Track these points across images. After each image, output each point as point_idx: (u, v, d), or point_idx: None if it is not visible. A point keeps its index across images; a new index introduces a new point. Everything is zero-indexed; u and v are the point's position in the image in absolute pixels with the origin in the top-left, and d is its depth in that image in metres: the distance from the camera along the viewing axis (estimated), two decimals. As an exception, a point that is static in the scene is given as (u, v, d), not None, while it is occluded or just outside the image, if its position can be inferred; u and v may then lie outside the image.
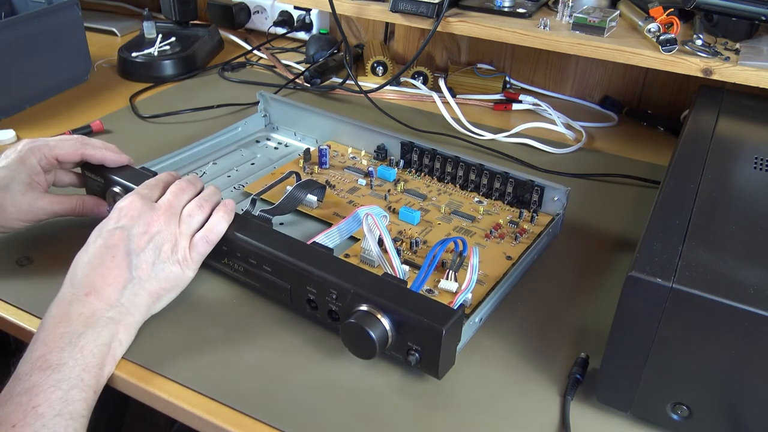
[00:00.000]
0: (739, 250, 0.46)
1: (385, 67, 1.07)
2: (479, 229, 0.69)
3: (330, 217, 0.69)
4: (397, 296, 0.51)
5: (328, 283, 0.53)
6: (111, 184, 0.65)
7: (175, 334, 0.56)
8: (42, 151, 0.63)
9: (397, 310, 0.50)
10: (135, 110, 0.96)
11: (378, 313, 0.50)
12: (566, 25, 0.85)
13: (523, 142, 0.91)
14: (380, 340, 0.50)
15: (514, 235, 0.67)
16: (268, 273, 0.57)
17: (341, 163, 0.80)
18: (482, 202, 0.73)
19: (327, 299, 0.54)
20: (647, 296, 0.43)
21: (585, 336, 0.58)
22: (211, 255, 0.59)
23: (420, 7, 0.87)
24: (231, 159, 0.82)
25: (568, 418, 0.50)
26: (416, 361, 0.50)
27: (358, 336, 0.50)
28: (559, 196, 0.70)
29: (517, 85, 1.09)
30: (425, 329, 0.49)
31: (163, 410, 0.52)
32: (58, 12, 0.98)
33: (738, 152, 0.62)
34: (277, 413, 0.49)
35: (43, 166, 0.63)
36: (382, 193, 0.74)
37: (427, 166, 0.77)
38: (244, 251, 0.58)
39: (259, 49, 1.19)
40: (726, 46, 0.80)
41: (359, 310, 0.51)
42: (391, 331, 0.50)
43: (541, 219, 0.70)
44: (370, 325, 0.50)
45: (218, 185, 0.73)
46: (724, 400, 0.45)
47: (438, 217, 0.70)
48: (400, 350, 0.51)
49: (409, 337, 0.50)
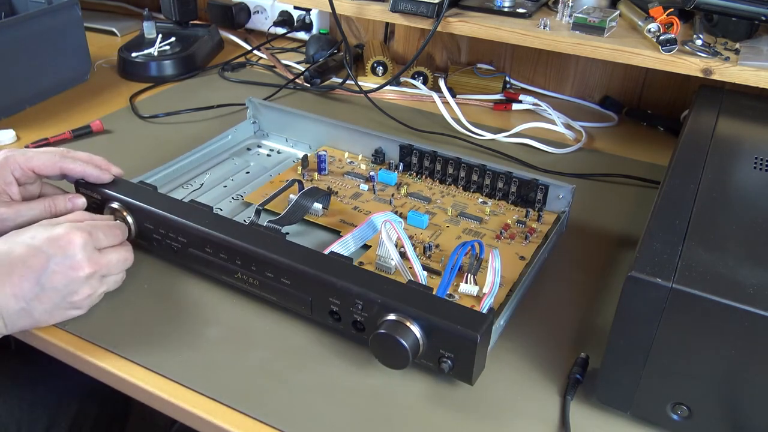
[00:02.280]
0: (739, 250, 0.46)
1: (385, 67, 1.07)
2: (488, 230, 0.68)
3: (337, 224, 0.68)
4: (426, 304, 0.50)
5: (353, 293, 0.52)
6: (108, 200, 0.63)
7: (175, 334, 0.56)
8: (17, 162, 0.61)
9: (429, 318, 0.49)
10: (135, 110, 0.96)
11: (408, 322, 0.49)
12: (566, 25, 0.85)
13: (523, 142, 0.91)
14: (412, 349, 0.49)
15: (524, 234, 0.67)
16: (286, 286, 0.56)
17: (339, 169, 0.78)
18: (487, 203, 0.73)
19: (352, 310, 0.52)
20: (647, 296, 0.43)
21: (585, 336, 0.58)
22: (222, 270, 0.59)
23: (420, 7, 0.87)
24: (224, 168, 0.80)
25: (568, 418, 0.50)
26: (449, 369, 0.50)
27: (389, 346, 0.49)
28: (564, 194, 0.70)
29: (517, 85, 1.09)
30: (459, 336, 0.48)
31: (164, 410, 0.52)
32: (58, 12, 0.98)
33: (738, 152, 0.62)
34: (277, 413, 0.49)
35: (18, 177, 0.61)
36: (386, 197, 0.73)
37: (427, 168, 0.77)
38: (261, 264, 0.56)
39: (259, 49, 1.19)
40: (726, 46, 0.79)
41: (388, 319, 0.50)
42: (422, 339, 0.49)
43: (547, 217, 0.70)
44: (402, 335, 0.49)
45: (215, 197, 0.73)
46: (724, 400, 0.45)
47: (445, 219, 0.70)
48: (430, 358, 0.50)
49: (440, 345, 0.49)
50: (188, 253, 0.61)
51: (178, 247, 0.61)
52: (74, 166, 0.63)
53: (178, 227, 0.60)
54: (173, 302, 0.60)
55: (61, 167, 0.63)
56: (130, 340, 0.55)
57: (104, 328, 0.56)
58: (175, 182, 0.76)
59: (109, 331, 0.56)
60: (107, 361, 0.54)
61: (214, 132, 0.84)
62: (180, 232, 0.60)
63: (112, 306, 0.58)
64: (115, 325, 0.57)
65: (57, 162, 0.62)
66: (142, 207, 0.62)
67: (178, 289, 0.62)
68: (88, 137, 0.88)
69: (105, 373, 0.54)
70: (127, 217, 0.62)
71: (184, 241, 0.61)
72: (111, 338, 0.56)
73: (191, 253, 0.61)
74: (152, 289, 0.61)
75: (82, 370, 0.56)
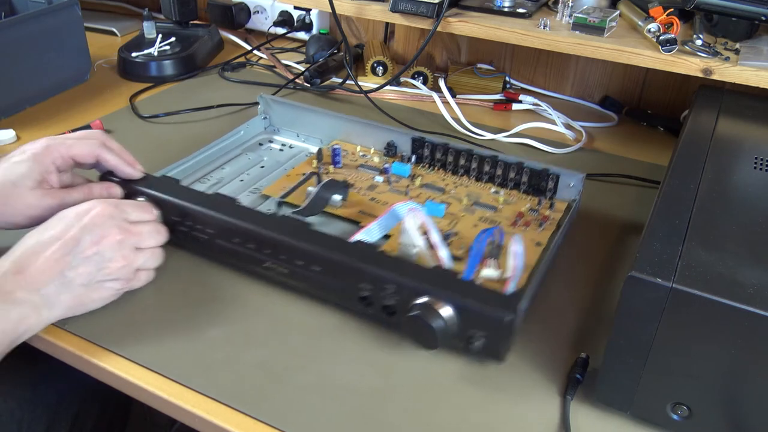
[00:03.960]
0: (739, 250, 0.46)
1: (385, 67, 1.07)
2: (503, 218, 0.70)
3: (356, 215, 0.70)
4: (457, 287, 0.52)
5: (385, 279, 0.54)
6: (134, 193, 0.64)
7: (175, 334, 0.56)
8: (59, 150, 0.62)
9: (461, 300, 0.51)
10: (135, 110, 0.96)
11: (440, 304, 0.52)
12: (566, 25, 0.85)
13: (523, 142, 0.91)
14: (445, 329, 0.52)
15: (539, 222, 0.69)
16: (317, 273, 0.57)
17: (353, 162, 0.80)
18: (499, 192, 0.75)
19: (382, 295, 0.54)
20: (647, 296, 0.43)
21: (585, 336, 0.58)
22: (250, 260, 0.60)
23: (420, 7, 0.87)
24: (239, 163, 0.81)
25: (568, 418, 0.50)
26: (480, 348, 0.52)
27: (422, 328, 0.52)
28: (574, 182, 0.71)
29: (517, 85, 1.09)
30: (491, 316, 0.51)
31: (164, 410, 0.52)
32: (58, 12, 0.98)
33: (738, 152, 0.62)
34: (277, 413, 0.49)
35: (59, 165, 0.62)
36: (401, 189, 0.75)
37: (439, 160, 0.79)
38: (291, 253, 0.58)
39: (259, 49, 1.19)
40: (726, 46, 0.79)
41: (420, 302, 0.52)
42: (454, 320, 0.52)
43: (558, 205, 0.72)
44: (435, 317, 0.51)
45: (233, 190, 0.74)
46: (724, 400, 0.45)
47: (460, 209, 0.72)
48: (460, 338, 0.53)
49: (471, 325, 0.52)
50: (215, 244, 0.62)
51: (205, 239, 0.62)
52: (110, 157, 0.64)
53: (205, 219, 0.61)
54: (173, 302, 0.60)
55: (98, 156, 0.64)
56: (131, 339, 0.55)
57: (104, 328, 0.56)
58: (191, 177, 0.77)
59: (110, 331, 0.56)
60: (108, 360, 0.54)
61: (214, 132, 0.84)
62: (207, 223, 0.61)
63: (112, 306, 0.58)
64: (116, 324, 0.57)
65: (95, 151, 0.64)
66: (169, 200, 0.62)
67: (178, 289, 0.62)
68: (88, 137, 0.88)
69: (105, 372, 0.54)
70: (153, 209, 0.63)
71: (211, 233, 0.61)
72: (111, 338, 0.56)
73: (218, 245, 0.62)
74: (152, 289, 0.61)
75: (83, 369, 0.56)
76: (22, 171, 0.60)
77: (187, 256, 0.65)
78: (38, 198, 0.60)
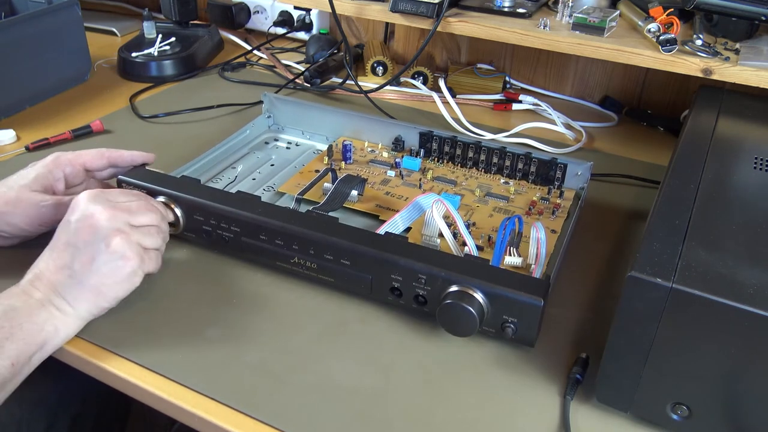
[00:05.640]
0: (739, 250, 0.46)
1: (385, 67, 1.07)
2: (517, 208, 0.72)
3: (374, 209, 0.71)
4: (488, 274, 0.54)
5: (416, 269, 0.55)
6: (155, 194, 0.64)
7: (175, 334, 0.56)
8: (68, 158, 0.64)
9: (493, 287, 0.53)
10: (135, 110, 0.96)
11: (472, 291, 0.53)
12: (566, 25, 0.85)
13: (523, 142, 0.91)
14: (479, 316, 0.53)
15: (551, 210, 0.72)
16: (346, 267, 0.58)
17: (363, 158, 0.81)
18: (509, 183, 0.77)
19: (414, 285, 0.55)
20: (647, 296, 0.43)
21: (585, 336, 0.58)
22: (277, 257, 0.60)
23: (420, 7, 0.87)
24: (249, 162, 0.81)
25: (568, 418, 0.50)
26: (513, 333, 0.53)
27: (459, 315, 0.53)
28: (582, 170, 0.74)
29: (517, 85, 1.09)
30: (523, 302, 0.52)
31: (164, 410, 0.52)
32: (58, 12, 0.98)
33: (738, 152, 0.62)
34: (277, 413, 0.49)
35: (69, 174, 0.64)
36: (414, 182, 0.77)
37: (447, 153, 0.80)
38: (320, 248, 0.58)
39: (259, 49, 1.19)
40: (726, 46, 0.79)
41: (453, 291, 0.54)
42: (487, 306, 0.53)
43: (567, 194, 0.75)
44: (470, 304, 0.52)
45: (247, 188, 0.75)
46: (724, 400, 0.45)
47: (474, 200, 0.74)
48: (493, 325, 0.54)
49: (503, 311, 0.53)
50: (240, 242, 0.62)
51: (230, 237, 0.62)
52: (123, 151, 0.66)
53: (231, 217, 0.61)
54: (173, 302, 0.60)
55: (109, 157, 0.66)
56: (131, 340, 0.55)
57: (104, 328, 0.56)
58: (204, 177, 0.76)
59: (110, 331, 0.56)
60: (107, 361, 0.54)
61: (214, 132, 0.84)
62: (233, 221, 0.62)
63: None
64: (116, 324, 0.57)
65: (104, 153, 0.66)
66: (193, 200, 0.63)
67: (178, 289, 0.62)
68: (88, 137, 0.88)
69: (105, 373, 0.54)
70: (175, 209, 0.63)
71: (237, 231, 0.62)
72: (111, 338, 0.56)
73: (244, 242, 0.62)
74: (151, 289, 0.61)
75: (83, 370, 0.56)
76: (29, 176, 0.63)
77: (186, 256, 0.65)
78: (38, 202, 0.61)
